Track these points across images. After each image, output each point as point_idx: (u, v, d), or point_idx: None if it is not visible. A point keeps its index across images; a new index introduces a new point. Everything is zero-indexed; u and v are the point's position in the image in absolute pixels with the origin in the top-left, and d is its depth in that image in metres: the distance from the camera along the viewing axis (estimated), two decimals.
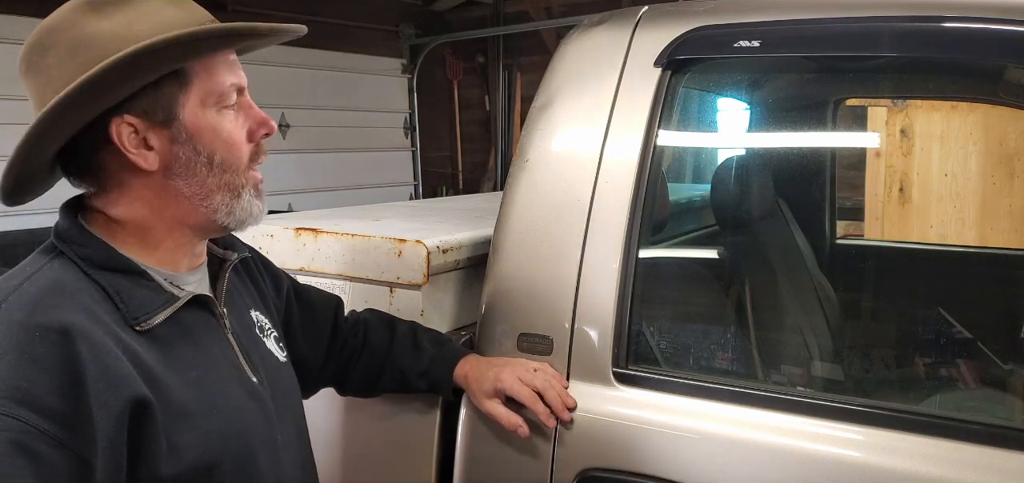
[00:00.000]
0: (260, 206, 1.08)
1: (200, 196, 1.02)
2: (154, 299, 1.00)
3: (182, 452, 0.94)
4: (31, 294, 0.92)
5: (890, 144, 3.80)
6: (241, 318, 1.16)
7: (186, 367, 0.99)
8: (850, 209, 3.55)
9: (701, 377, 1.38)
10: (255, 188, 1.07)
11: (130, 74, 0.94)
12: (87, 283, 0.96)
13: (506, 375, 1.34)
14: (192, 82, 0.99)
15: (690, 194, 2.22)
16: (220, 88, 1.01)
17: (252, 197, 1.06)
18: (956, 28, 1.25)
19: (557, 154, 1.45)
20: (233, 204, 1.04)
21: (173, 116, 0.99)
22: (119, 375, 0.89)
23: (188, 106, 0.99)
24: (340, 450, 1.57)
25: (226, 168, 1.03)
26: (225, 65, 1.03)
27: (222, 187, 1.03)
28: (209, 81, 1.01)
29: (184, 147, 1.00)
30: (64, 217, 1.02)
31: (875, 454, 1.16)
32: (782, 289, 2.02)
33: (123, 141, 0.97)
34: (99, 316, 0.92)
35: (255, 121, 1.06)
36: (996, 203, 3.55)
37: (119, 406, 0.88)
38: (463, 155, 6.82)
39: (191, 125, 1.00)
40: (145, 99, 0.97)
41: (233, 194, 1.04)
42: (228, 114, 1.03)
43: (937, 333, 1.86)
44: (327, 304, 1.43)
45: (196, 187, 1.02)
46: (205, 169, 1.01)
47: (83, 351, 0.87)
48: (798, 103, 2.21)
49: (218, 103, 1.02)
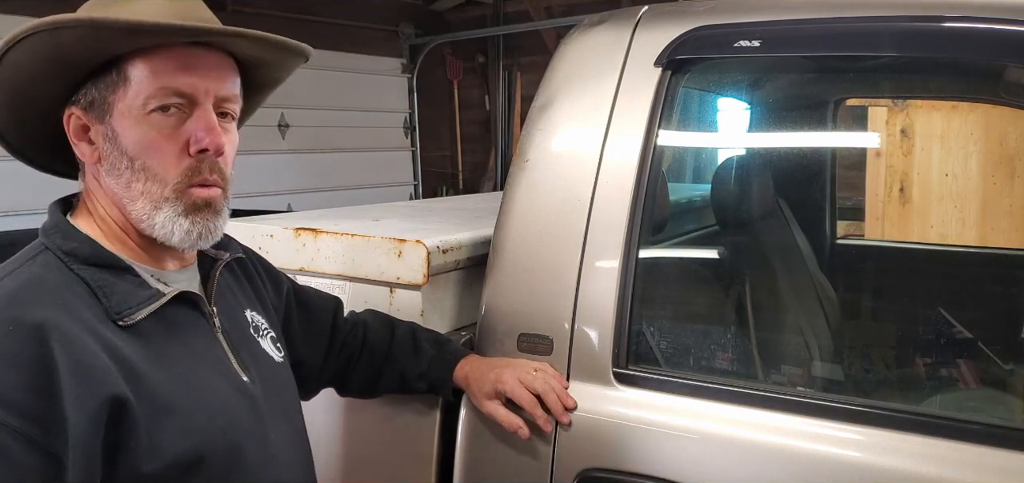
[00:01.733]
0: (185, 225, 0.99)
1: (127, 199, 1.00)
2: (138, 294, 0.99)
3: (164, 448, 0.93)
4: (8, 289, 0.92)
5: (890, 144, 3.80)
6: (232, 317, 1.15)
7: (170, 363, 0.98)
8: (850, 209, 3.55)
9: (701, 377, 1.38)
10: (191, 206, 0.99)
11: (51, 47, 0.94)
12: (70, 278, 0.95)
13: (507, 377, 1.34)
14: (128, 80, 0.97)
15: (690, 194, 2.22)
16: (149, 90, 0.96)
17: (177, 214, 0.99)
18: (956, 28, 1.25)
19: (557, 154, 1.45)
20: (154, 216, 0.99)
21: (107, 113, 0.98)
22: (95, 372, 0.88)
23: (119, 105, 0.97)
24: (340, 451, 1.57)
25: (147, 176, 0.98)
26: (177, 68, 0.97)
27: (143, 195, 0.99)
28: (142, 80, 0.96)
29: (110, 145, 0.99)
30: (51, 214, 1.03)
31: (875, 454, 1.16)
32: (782, 289, 2.02)
33: (70, 131, 1.00)
34: (79, 312, 0.92)
35: (194, 135, 0.98)
36: (996, 203, 3.55)
37: (94, 404, 0.87)
38: (463, 155, 6.83)
39: (118, 125, 0.98)
40: (91, 91, 0.98)
41: (154, 206, 0.99)
42: (159, 119, 0.97)
43: (937, 333, 1.86)
44: (326, 306, 1.43)
45: (122, 189, 0.99)
46: (128, 172, 0.98)
47: (57, 347, 0.86)
48: (798, 103, 2.21)
49: (145, 106, 0.96)
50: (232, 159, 1.06)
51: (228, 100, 1.03)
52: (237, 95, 1.05)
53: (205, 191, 1.01)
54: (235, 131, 1.07)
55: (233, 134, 1.05)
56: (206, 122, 0.99)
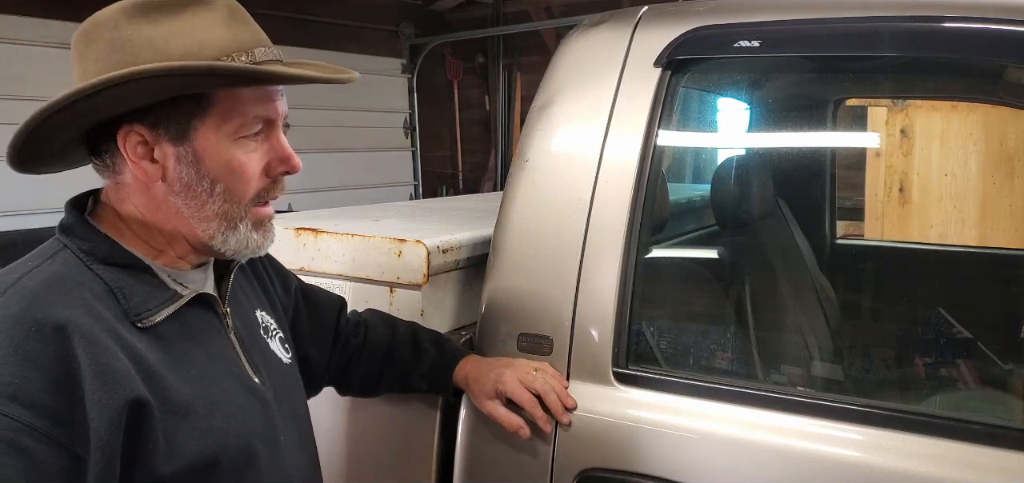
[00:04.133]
0: (258, 240, 1.06)
1: (197, 218, 1.01)
2: (157, 296, 0.99)
3: (181, 451, 0.94)
4: (29, 288, 0.91)
5: (890, 144, 3.80)
6: (245, 317, 1.16)
7: (187, 365, 0.99)
8: (850, 209, 3.55)
9: (701, 377, 1.38)
10: (257, 222, 1.05)
11: (140, 90, 0.94)
12: (89, 277, 0.95)
13: (507, 377, 1.34)
14: (212, 107, 0.98)
15: (690, 194, 2.22)
16: (240, 118, 0.99)
17: (249, 230, 1.04)
18: (956, 28, 1.25)
19: (557, 154, 1.45)
20: (228, 234, 1.03)
21: (185, 136, 0.98)
22: (116, 374, 0.89)
23: (202, 129, 0.98)
24: (341, 450, 1.57)
25: (227, 198, 1.01)
26: (261, 97, 1.01)
27: (219, 215, 1.01)
28: (231, 108, 0.99)
29: (188, 168, 0.99)
30: (69, 212, 1.02)
31: (875, 454, 1.16)
32: (782, 289, 2.02)
33: (127, 148, 0.98)
34: (99, 312, 0.92)
35: (276, 157, 1.04)
36: (996, 203, 3.56)
37: (116, 406, 0.87)
38: (463, 155, 6.83)
39: (201, 149, 0.99)
40: (161, 112, 0.97)
41: (229, 225, 1.02)
42: (246, 144, 1.01)
43: (937, 333, 1.86)
44: (331, 305, 1.44)
45: (194, 209, 1.01)
46: (206, 194, 1.00)
47: (78, 348, 0.87)
48: (798, 103, 2.21)
49: (235, 133, 1.00)
50: None
51: (286, 116, 1.07)
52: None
53: (269, 208, 1.07)
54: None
55: None
56: (286, 147, 1.05)
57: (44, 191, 1.00)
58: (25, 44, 4.23)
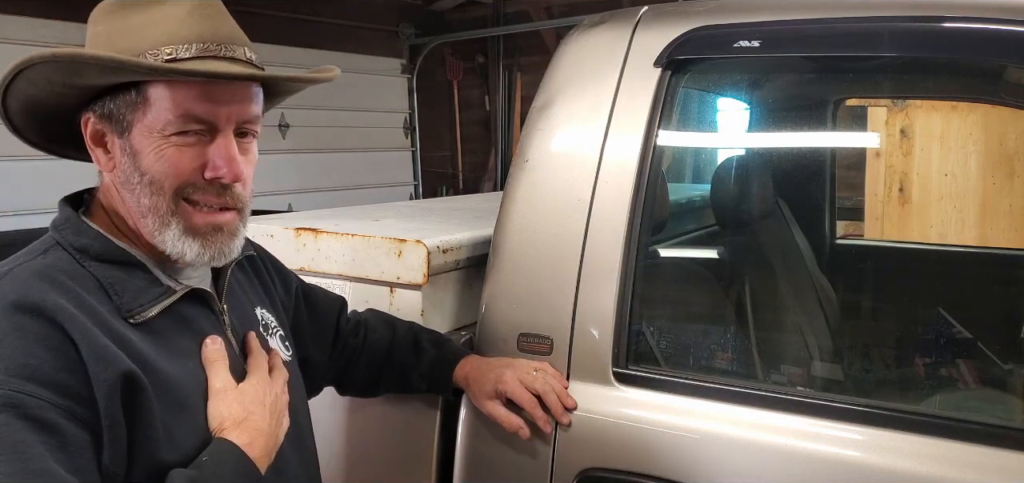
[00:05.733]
0: (195, 248, 1.00)
1: (138, 213, 1.00)
2: (149, 291, 1.00)
3: (180, 441, 0.94)
4: (21, 277, 0.92)
5: (890, 144, 3.80)
6: (243, 314, 1.16)
7: (182, 358, 1.00)
8: (850, 209, 3.55)
9: (701, 377, 1.38)
10: (190, 228, 1.00)
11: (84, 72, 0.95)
12: (80, 273, 0.96)
13: (507, 377, 1.34)
14: (148, 102, 0.97)
15: (690, 194, 2.22)
16: (169, 115, 0.96)
17: (181, 234, 0.99)
18: (956, 28, 1.25)
19: (557, 154, 1.45)
20: (163, 233, 0.99)
21: (126, 127, 0.99)
22: (107, 351, 0.90)
23: (139, 124, 0.98)
24: (341, 450, 1.57)
25: (154, 191, 0.98)
26: (198, 96, 0.97)
27: (150, 210, 0.99)
28: (163, 105, 0.97)
29: (128, 160, 0.99)
30: (62, 209, 1.03)
31: (875, 454, 1.16)
32: (782, 289, 2.02)
33: (86, 134, 1.01)
34: (90, 305, 0.92)
35: (212, 162, 0.99)
36: (996, 203, 3.56)
37: (111, 380, 0.88)
38: (463, 155, 6.82)
39: (136, 142, 0.98)
40: (113, 103, 0.98)
41: (161, 222, 0.99)
42: (178, 140, 0.97)
43: (937, 333, 1.86)
44: (332, 305, 1.44)
45: (133, 202, 1.00)
46: (139, 186, 0.99)
47: (73, 332, 0.88)
48: (798, 103, 2.21)
49: (166, 129, 0.97)
50: (251, 177, 1.06)
51: (249, 121, 1.03)
52: (258, 115, 1.04)
53: (214, 217, 1.01)
54: (255, 148, 1.07)
55: (252, 152, 1.06)
56: (226, 152, 1.00)
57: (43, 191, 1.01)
58: (25, 44, 4.23)
